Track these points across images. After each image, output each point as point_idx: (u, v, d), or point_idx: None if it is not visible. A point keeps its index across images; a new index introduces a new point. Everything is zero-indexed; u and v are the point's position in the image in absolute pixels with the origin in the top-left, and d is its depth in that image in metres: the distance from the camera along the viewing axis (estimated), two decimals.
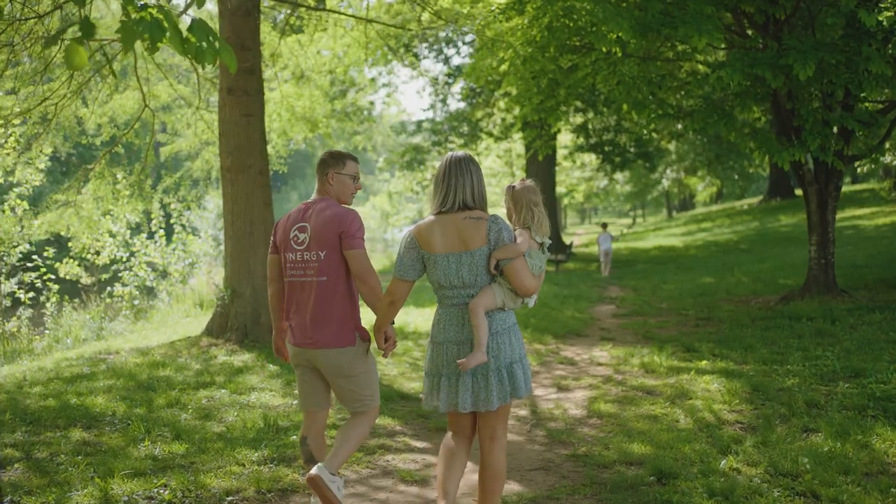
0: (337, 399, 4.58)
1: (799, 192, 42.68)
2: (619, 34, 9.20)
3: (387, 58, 13.71)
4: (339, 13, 12.27)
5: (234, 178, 10.67)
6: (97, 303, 18.19)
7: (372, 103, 30.73)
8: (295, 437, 6.19)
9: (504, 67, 12.64)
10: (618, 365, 9.01)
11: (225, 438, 6.20)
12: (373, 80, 30.03)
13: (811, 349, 8.86)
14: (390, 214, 39.14)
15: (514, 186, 4.25)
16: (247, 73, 10.58)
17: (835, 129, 11.05)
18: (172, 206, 19.39)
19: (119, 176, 12.89)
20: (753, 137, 10.89)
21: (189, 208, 18.58)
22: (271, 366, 9.08)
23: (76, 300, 18.02)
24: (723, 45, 11.30)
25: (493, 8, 10.98)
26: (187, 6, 12.26)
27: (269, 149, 15.12)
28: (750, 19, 11.72)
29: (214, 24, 11.13)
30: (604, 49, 10.00)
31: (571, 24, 10.16)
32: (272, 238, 4.60)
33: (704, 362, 8.61)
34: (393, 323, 4.30)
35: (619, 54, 10.71)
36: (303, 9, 12.92)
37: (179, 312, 18.09)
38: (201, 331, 11.23)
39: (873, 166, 23.81)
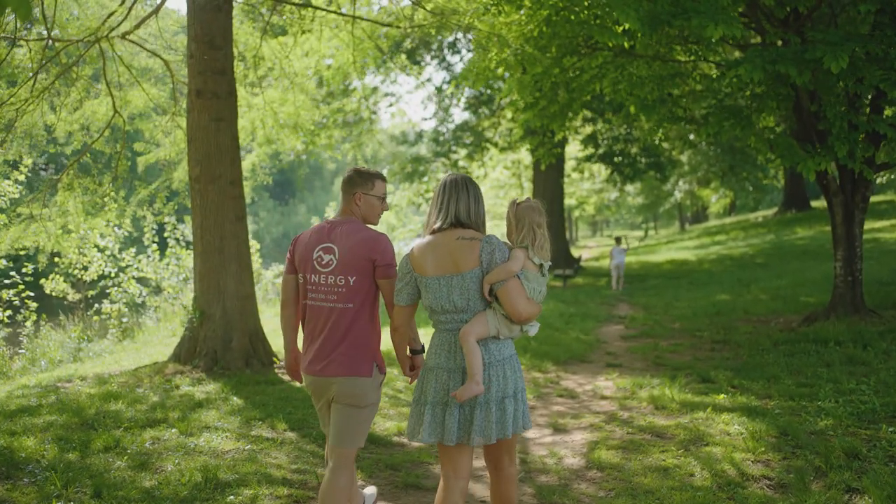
0: (333, 426, 4.17)
1: (815, 203, 41.76)
2: (627, 25, 8.22)
3: (377, 61, 12.76)
4: (321, 9, 11.32)
5: (202, 189, 9.74)
6: (79, 321, 17.31)
7: (374, 113, 29.84)
8: (232, 497, 5.21)
9: (501, 70, 11.67)
10: (624, 399, 7.99)
11: (152, 497, 5.21)
12: (375, 88, 29.19)
13: (843, 381, 7.83)
14: (396, 227, 38.27)
15: (518, 203, 3.97)
16: (217, 73, 9.67)
17: (861, 135, 10.01)
18: (165, 218, 18.60)
19: (89, 187, 11.96)
20: (774, 145, 9.83)
21: (163, 222, 17.65)
22: (235, 398, 8.13)
23: (62, 317, 17.19)
24: (740, 40, 10.31)
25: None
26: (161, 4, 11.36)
27: (254, 158, 14.18)
28: (767, 15, 10.73)
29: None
30: (610, 44, 9.01)
31: (573, 18, 9.16)
32: (289, 255, 4.32)
33: (722, 396, 7.59)
34: (423, 350, 4.15)
35: (627, 46, 9.69)
36: (285, 7, 12.03)
37: (167, 331, 17.23)
38: (169, 356, 10.29)
39: None
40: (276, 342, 12.36)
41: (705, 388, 8.11)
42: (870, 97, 9.90)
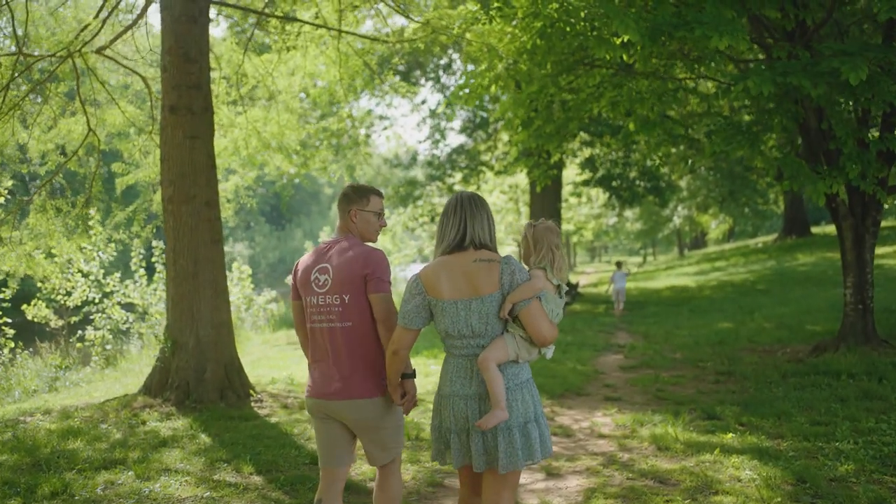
0: (365, 453, 4.14)
1: (816, 229, 41.30)
2: (626, 37, 7.71)
3: (366, 78, 12.24)
4: (305, 22, 10.81)
5: (176, 211, 9.19)
6: (57, 349, 16.70)
7: (369, 136, 29.39)
8: None
9: (494, 88, 11.16)
10: (623, 437, 7.37)
11: None
12: (370, 111, 28.76)
13: (861, 418, 7.24)
14: (391, 252, 37.79)
15: (535, 225, 3.94)
16: (192, 88, 9.15)
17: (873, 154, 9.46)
18: (153, 242, 18.04)
19: (62, 209, 11.39)
20: (782, 165, 9.26)
21: (152, 246, 17.10)
22: (203, 436, 7.53)
23: (40, 344, 16.59)
24: (742, 55, 9.80)
25: (473, 9, 9.51)
26: (143, 10, 10.85)
27: (237, 180, 13.62)
28: (770, 30, 10.24)
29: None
30: (608, 56, 8.48)
31: (569, 30, 8.62)
32: (293, 281, 4.26)
33: (730, 436, 6.98)
34: (414, 374, 3.98)
35: (626, 58, 9.14)
36: (270, 22, 11.56)
37: (150, 359, 16.60)
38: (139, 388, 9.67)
39: None
40: (256, 372, 11.77)
41: (711, 425, 7.50)
42: (881, 114, 9.36)
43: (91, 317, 18.08)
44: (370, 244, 4.19)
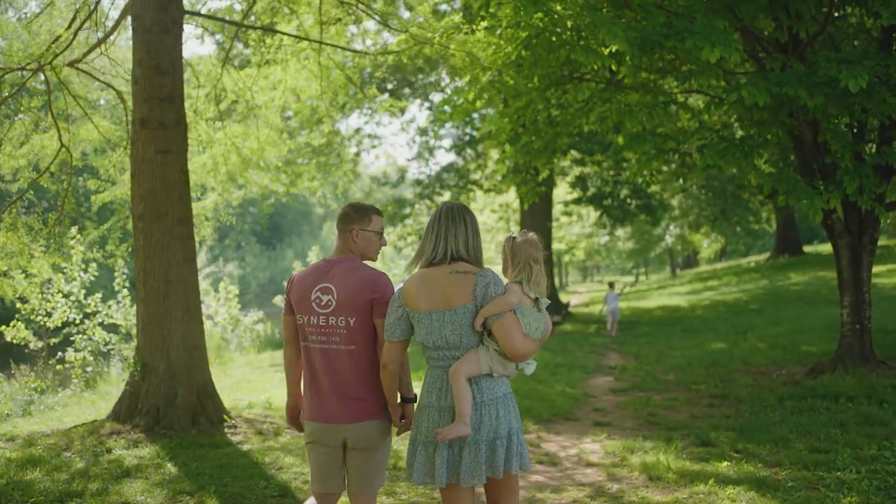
0: (352, 473, 4.02)
1: (808, 248, 41.08)
2: (614, 47, 7.40)
3: (348, 92, 11.91)
4: (284, 33, 10.48)
5: (146, 228, 8.80)
6: (35, 370, 16.27)
7: (358, 154, 29.08)
8: None
9: (480, 103, 10.84)
10: (613, 466, 6.98)
11: None
12: (358, 129, 28.48)
13: (862, 445, 6.89)
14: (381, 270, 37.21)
15: (514, 238, 3.86)
16: (164, 101, 8.79)
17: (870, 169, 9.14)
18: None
19: (34, 227, 11.00)
20: (777, 181, 8.93)
21: (123, 266, 16.67)
22: (169, 465, 7.13)
23: (15, 367, 16.16)
24: (734, 69, 9.51)
25: (455, 18, 9.18)
26: (116, 23, 10.52)
27: (217, 198, 13.24)
28: (763, 43, 9.97)
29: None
30: (595, 66, 8.17)
31: (555, 39, 8.30)
32: (286, 296, 4.14)
33: (725, 464, 6.62)
34: (415, 399, 3.96)
35: (614, 68, 8.82)
36: (249, 35, 11.24)
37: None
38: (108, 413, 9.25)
39: None
40: (235, 396, 11.33)
41: (705, 452, 7.13)
42: (878, 126, 9.05)
43: (71, 338, 17.68)
44: (370, 264, 4.15)
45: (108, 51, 10.62)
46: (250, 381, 14.31)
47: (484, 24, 8.82)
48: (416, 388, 3.89)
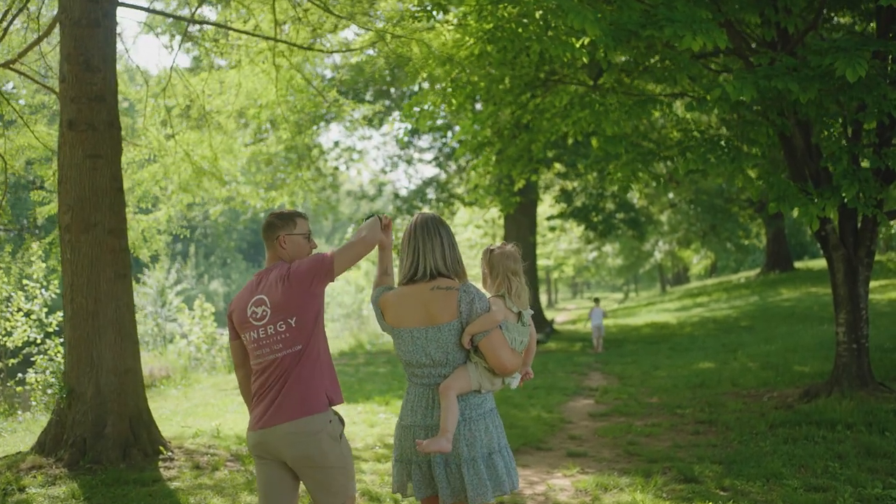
0: (312, 499, 3.84)
1: (798, 264, 40.45)
2: (587, 39, 6.66)
3: (310, 97, 11.13)
4: (236, 30, 9.69)
5: (73, 240, 7.96)
6: None
7: (336, 168, 28.32)
8: None
9: (447, 107, 10.09)
10: None
11: None
12: (337, 143, 27.77)
13: (864, 481, 6.11)
14: (363, 288, 36.64)
15: (492, 250, 3.83)
16: (94, 100, 7.98)
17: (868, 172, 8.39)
18: None
19: None
20: (767, 185, 8.17)
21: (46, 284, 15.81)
22: None
23: None
24: (722, 66, 8.78)
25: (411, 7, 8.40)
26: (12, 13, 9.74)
27: (170, 211, 12.41)
28: (748, 40, 9.25)
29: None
30: (565, 59, 7.42)
31: (521, 31, 7.53)
32: (229, 322, 4.07)
33: None
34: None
35: (586, 60, 8.03)
36: (203, 35, 10.45)
37: None
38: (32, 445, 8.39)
39: None
40: (186, 422, 10.44)
41: (688, 490, 6.33)
42: (875, 125, 8.30)
43: (32, 358, 16.84)
44: None
45: (44, 51, 9.83)
46: (209, 404, 13.43)
47: (445, 16, 8.06)
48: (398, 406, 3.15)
